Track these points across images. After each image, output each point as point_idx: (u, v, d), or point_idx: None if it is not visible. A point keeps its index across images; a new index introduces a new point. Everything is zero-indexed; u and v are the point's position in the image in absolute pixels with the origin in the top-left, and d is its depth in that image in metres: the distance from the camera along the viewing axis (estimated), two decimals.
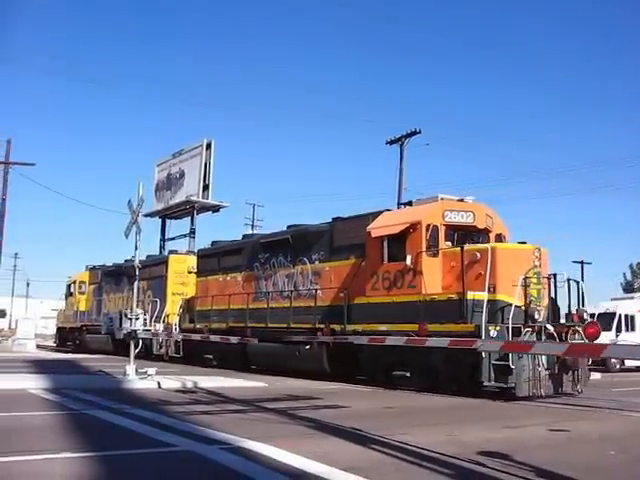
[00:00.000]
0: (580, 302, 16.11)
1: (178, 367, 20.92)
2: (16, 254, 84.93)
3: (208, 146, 35.86)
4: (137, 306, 16.37)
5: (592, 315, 31.83)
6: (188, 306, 25.29)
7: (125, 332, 16.43)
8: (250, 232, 34.15)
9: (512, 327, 14.07)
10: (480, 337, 13.44)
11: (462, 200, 17.18)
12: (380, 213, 17.71)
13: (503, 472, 6.16)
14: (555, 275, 15.69)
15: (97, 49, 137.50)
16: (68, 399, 11.59)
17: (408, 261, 15.89)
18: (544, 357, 14.21)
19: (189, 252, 28.88)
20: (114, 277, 32.35)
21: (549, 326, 14.70)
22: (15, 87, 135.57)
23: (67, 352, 33.68)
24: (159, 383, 14.74)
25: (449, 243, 16.44)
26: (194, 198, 35.76)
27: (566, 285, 15.95)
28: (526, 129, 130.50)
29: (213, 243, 25.38)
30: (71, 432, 8.01)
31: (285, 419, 9.78)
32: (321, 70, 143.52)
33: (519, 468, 6.31)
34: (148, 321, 22.80)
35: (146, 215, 33.48)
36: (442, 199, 17.04)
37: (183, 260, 27.56)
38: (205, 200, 35.91)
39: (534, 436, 8.87)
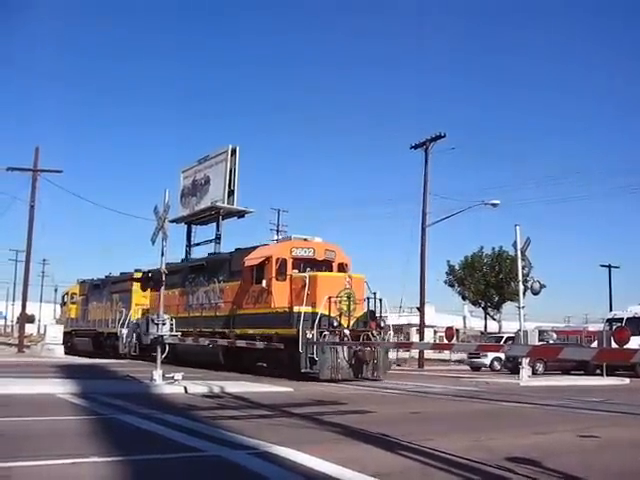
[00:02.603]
0: (380, 312, 21.76)
1: (201, 372, 21.00)
2: (44, 260, 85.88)
3: (233, 152, 35.88)
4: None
5: (621, 320, 31.70)
6: (145, 315, 29.44)
7: (152, 337, 16.50)
8: (214, 252, 36.17)
9: (320, 331, 19.82)
10: (299, 338, 19.50)
11: (306, 239, 23.31)
12: (257, 247, 23.90)
13: (532, 478, 6.10)
14: (375, 294, 21.76)
15: (124, 59, 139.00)
16: (96, 404, 11.68)
17: (264, 284, 21.84)
18: (345, 352, 20.07)
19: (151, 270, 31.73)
20: (97, 289, 37.55)
21: (346, 331, 20.25)
22: (43, 96, 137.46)
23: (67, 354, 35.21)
24: (186, 388, 14.78)
25: (296, 271, 21.91)
26: (219, 204, 35.76)
27: (371, 301, 21.75)
28: (550, 133, 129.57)
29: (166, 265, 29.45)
30: (99, 436, 8.05)
31: (312, 424, 9.77)
32: (344, 76, 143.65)
33: (549, 475, 6.25)
34: (117, 326, 31.40)
35: (172, 221, 33.46)
36: (292, 238, 23.68)
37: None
38: (230, 206, 35.90)
39: (563, 442, 8.78)
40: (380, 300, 21.90)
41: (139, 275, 30.97)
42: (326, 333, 19.98)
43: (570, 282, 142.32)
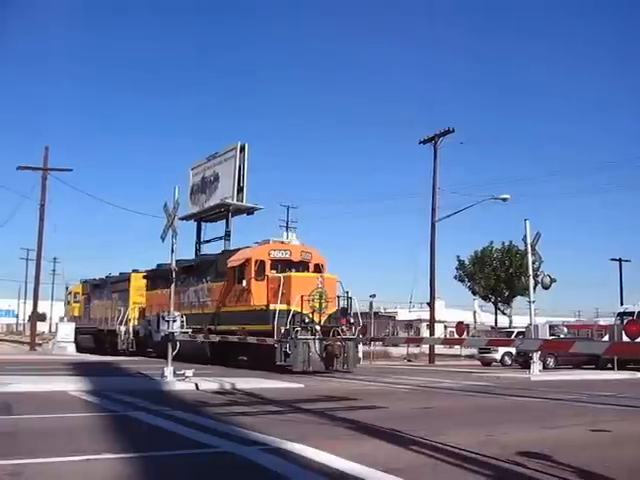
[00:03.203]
0: (350, 309, 23.67)
1: (212, 369, 21.07)
2: (55, 259, 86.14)
3: (242, 149, 35.86)
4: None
5: (632, 313, 31.55)
6: (142, 313, 32.73)
7: (163, 334, 16.54)
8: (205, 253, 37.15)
9: (293, 327, 21.45)
10: (274, 334, 21.19)
11: (283, 242, 25.37)
12: (240, 249, 26.02)
13: (544, 473, 6.09)
14: (348, 292, 23.93)
15: (137, 60, 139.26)
16: (108, 401, 11.73)
17: (244, 284, 23.61)
18: (317, 346, 21.53)
19: (148, 271, 34.20)
20: (98, 289, 39.12)
21: (317, 327, 21.94)
22: (52, 94, 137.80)
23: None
24: (197, 385, 14.83)
25: (274, 271, 23.48)
26: (229, 201, 35.76)
27: (345, 299, 23.63)
28: (559, 126, 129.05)
29: (158, 265, 32.21)
30: (111, 433, 8.10)
31: (323, 420, 9.79)
32: (351, 72, 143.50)
33: (560, 469, 6.24)
34: (116, 323, 33.25)
35: (182, 218, 33.59)
36: (270, 242, 25.25)
37: (141, 277, 33.65)
38: (240, 203, 35.88)
39: (575, 436, 8.77)
40: (351, 298, 23.99)
41: (137, 275, 34.01)
42: (298, 329, 21.63)
43: (581, 276, 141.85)
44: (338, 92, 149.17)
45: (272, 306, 22.22)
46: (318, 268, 24.74)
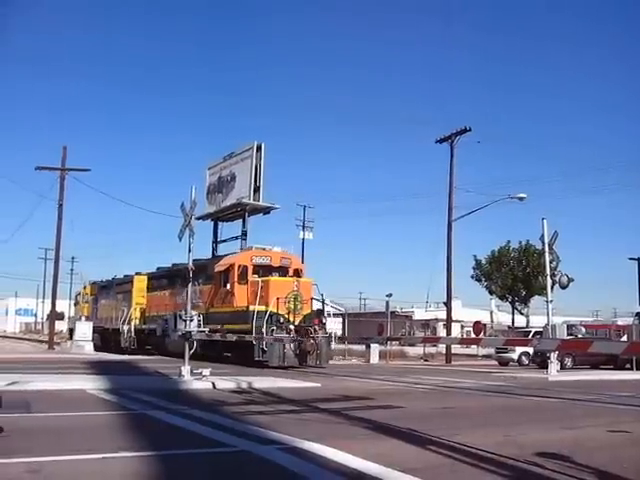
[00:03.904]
0: (323, 310, 26.28)
1: (229, 368, 21.12)
2: (73, 258, 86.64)
3: (258, 148, 35.80)
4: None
5: None
6: (143, 313, 35.01)
7: (180, 333, 16.61)
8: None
9: (268, 326, 23.52)
10: (253, 332, 23.07)
11: (265, 249, 27.56)
12: (226, 255, 28.97)
13: (562, 474, 6.06)
14: (322, 295, 26.86)
15: (154, 62, 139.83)
16: (125, 399, 11.79)
17: (228, 287, 26.20)
18: (292, 344, 23.46)
19: (148, 274, 36.52)
20: (105, 290, 41.31)
21: (291, 326, 24.09)
22: (57, 94, 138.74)
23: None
24: (214, 384, 14.88)
25: (256, 276, 25.69)
26: (245, 200, 35.77)
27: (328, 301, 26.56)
28: (566, 126, 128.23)
29: (158, 268, 35.34)
30: (129, 432, 8.14)
31: (340, 419, 9.79)
32: (351, 70, 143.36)
33: (579, 470, 6.21)
34: (119, 323, 35.10)
35: (198, 218, 33.52)
36: (252, 248, 27.86)
37: (143, 279, 36.04)
38: (256, 202, 35.82)
39: (593, 437, 8.71)
40: (324, 301, 26.77)
41: (139, 277, 36.17)
42: (274, 328, 23.82)
43: (599, 276, 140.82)
44: (339, 91, 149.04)
45: (252, 307, 24.35)
46: (297, 273, 27.04)
